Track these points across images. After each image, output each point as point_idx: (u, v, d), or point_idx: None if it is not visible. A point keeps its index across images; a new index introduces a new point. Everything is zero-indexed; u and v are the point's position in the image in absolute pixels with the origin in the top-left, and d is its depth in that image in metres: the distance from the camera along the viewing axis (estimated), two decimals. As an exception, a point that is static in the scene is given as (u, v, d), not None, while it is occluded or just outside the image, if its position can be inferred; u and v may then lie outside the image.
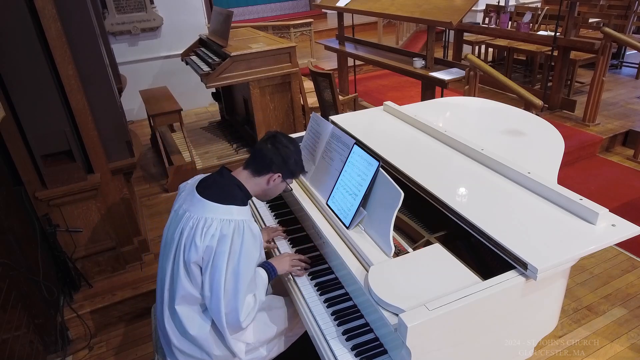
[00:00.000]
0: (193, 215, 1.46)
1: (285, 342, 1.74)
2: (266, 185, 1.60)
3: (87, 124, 2.36)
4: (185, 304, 1.50)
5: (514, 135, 2.11)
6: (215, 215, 1.45)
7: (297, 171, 1.66)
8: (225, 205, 1.47)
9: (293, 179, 1.69)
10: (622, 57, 6.18)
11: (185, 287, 1.47)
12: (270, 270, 1.63)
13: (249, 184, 1.57)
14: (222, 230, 1.43)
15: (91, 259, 2.63)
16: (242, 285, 1.44)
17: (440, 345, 1.22)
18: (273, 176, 1.58)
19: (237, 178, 1.57)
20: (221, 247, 1.42)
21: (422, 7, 3.81)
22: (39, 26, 2.10)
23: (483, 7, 6.41)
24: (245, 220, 1.47)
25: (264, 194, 1.64)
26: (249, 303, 1.48)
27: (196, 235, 1.43)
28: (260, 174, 1.58)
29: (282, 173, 1.59)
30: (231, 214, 1.46)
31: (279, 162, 1.57)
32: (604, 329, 2.37)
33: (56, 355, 2.34)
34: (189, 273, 1.46)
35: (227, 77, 3.62)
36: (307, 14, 9.18)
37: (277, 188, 1.65)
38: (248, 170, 1.59)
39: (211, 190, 1.51)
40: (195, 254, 1.43)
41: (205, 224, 1.43)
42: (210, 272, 1.43)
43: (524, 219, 1.43)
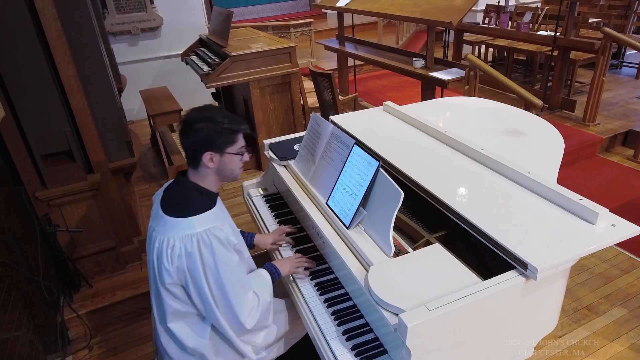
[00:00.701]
0: (158, 235, 1.41)
1: (285, 345, 1.74)
2: (210, 169, 1.46)
3: (87, 124, 2.36)
4: (178, 319, 1.48)
5: (514, 135, 2.11)
6: (176, 233, 1.38)
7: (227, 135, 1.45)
8: (186, 218, 1.39)
9: (231, 144, 1.47)
10: (622, 57, 6.18)
11: (172, 306, 1.45)
12: (272, 272, 1.62)
13: (199, 179, 1.48)
14: (186, 247, 1.37)
15: (91, 259, 2.63)
16: (231, 292, 1.40)
17: (440, 345, 1.22)
18: (205, 158, 1.43)
19: (191, 181, 1.48)
20: (192, 264, 1.37)
21: (422, 7, 3.81)
22: (39, 26, 2.10)
23: (483, 7, 6.41)
24: (209, 230, 1.38)
25: (222, 176, 1.51)
26: (247, 303, 1.45)
27: (163, 258, 1.39)
28: (197, 165, 1.46)
29: (210, 149, 1.43)
30: (192, 227, 1.38)
31: (200, 143, 1.42)
32: (604, 329, 2.37)
33: (56, 355, 2.34)
34: (170, 293, 1.43)
35: (227, 77, 3.62)
36: (307, 14, 9.18)
37: (226, 163, 1.48)
38: (190, 168, 1.50)
39: (172, 203, 1.45)
40: (169, 277, 1.40)
41: (168, 245, 1.38)
42: (193, 289, 1.41)
43: (524, 219, 1.43)
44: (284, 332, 1.70)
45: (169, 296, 1.44)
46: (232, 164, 1.50)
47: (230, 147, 1.47)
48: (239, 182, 2.02)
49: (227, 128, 1.45)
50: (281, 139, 2.35)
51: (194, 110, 1.48)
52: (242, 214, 3.43)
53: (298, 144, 2.16)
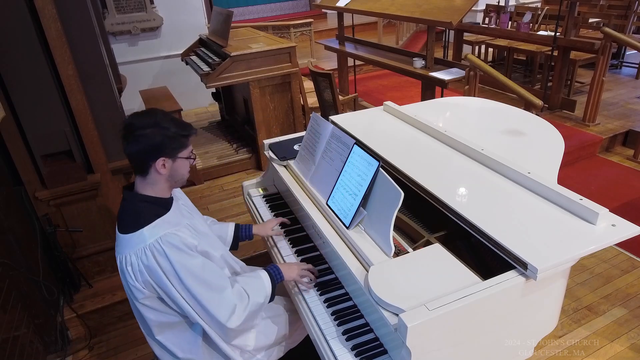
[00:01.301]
0: (118, 255, 1.39)
1: (284, 348, 1.73)
2: (161, 176, 1.41)
3: (87, 124, 2.36)
4: (164, 331, 1.46)
5: (514, 135, 2.11)
6: (131, 249, 1.35)
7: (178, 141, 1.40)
8: (136, 232, 1.36)
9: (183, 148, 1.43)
10: (622, 57, 6.18)
11: (153, 320, 1.43)
12: (274, 273, 1.58)
13: (147, 188, 1.42)
14: (143, 261, 1.34)
15: (91, 259, 2.63)
16: (201, 296, 1.36)
17: (440, 345, 1.22)
18: (157, 164, 1.38)
19: (138, 192, 1.43)
20: (155, 276, 1.35)
21: (422, 7, 3.81)
22: (39, 26, 2.10)
23: (483, 7, 6.41)
24: (160, 238, 1.34)
25: (172, 181, 1.45)
26: (225, 303, 1.39)
27: (127, 277, 1.37)
28: (146, 172, 1.40)
29: (163, 156, 1.37)
30: (144, 240, 1.34)
31: (150, 150, 1.36)
32: (604, 329, 2.37)
33: (56, 355, 2.34)
34: (147, 307, 1.42)
35: (227, 77, 3.62)
36: (307, 14, 9.18)
37: (177, 169, 1.43)
38: (138, 177, 1.43)
39: (123, 221, 1.41)
40: (139, 292, 1.38)
41: (127, 263, 1.36)
42: (167, 299, 1.39)
43: (524, 219, 1.43)
44: (283, 335, 1.70)
45: (147, 310, 1.42)
46: (182, 169, 1.45)
47: (182, 152, 1.42)
48: (238, 182, 2.02)
49: (178, 133, 1.40)
50: (281, 139, 2.35)
51: (136, 115, 1.40)
52: (242, 214, 3.43)
53: (298, 144, 2.16)
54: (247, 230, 1.89)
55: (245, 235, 1.88)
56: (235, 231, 1.88)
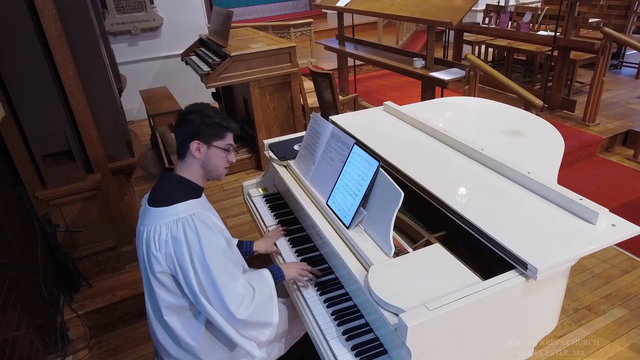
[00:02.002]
0: (146, 227, 1.44)
1: (285, 345, 1.74)
2: (195, 160, 1.50)
3: (87, 124, 2.36)
4: (172, 313, 1.48)
5: (514, 135, 2.11)
6: (162, 220, 1.41)
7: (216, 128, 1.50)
8: (170, 206, 1.43)
9: (219, 138, 1.52)
10: (622, 57, 6.18)
11: (164, 298, 1.46)
12: (276, 272, 1.60)
13: (185, 172, 1.51)
14: (172, 232, 1.39)
15: (91, 259, 2.63)
16: (218, 278, 1.39)
17: (440, 345, 1.22)
18: (192, 147, 1.47)
19: (175, 174, 1.52)
20: (178, 249, 1.39)
21: (422, 7, 3.81)
22: (39, 26, 2.10)
23: (483, 7, 6.41)
24: (193, 214, 1.41)
25: (206, 170, 1.54)
26: (237, 292, 1.42)
27: (151, 247, 1.41)
28: (184, 155, 1.51)
29: (198, 139, 1.48)
30: (177, 214, 1.41)
31: (190, 132, 1.47)
32: (604, 329, 2.37)
33: (56, 355, 2.34)
34: (161, 283, 1.44)
35: (227, 77, 3.62)
36: (307, 14, 9.18)
37: (211, 157, 1.52)
38: (178, 160, 1.54)
39: (157, 197, 1.48)
40: (158, 264, 1.41)
41: (155, 232, 1.40)
42: (182, 277, 1.41)
43: (524, 219, 1.43)
44: (284, 331, 1.70)
45: (160, 287, 1.45)
46: (217, 159, 1.53)
47: (217, 141, 1.51)
48: (238, 182, 2.02)
49: (217, 122, 1.50)
50: (281, 139, 2.35)
51: (191, 104, 1.56)
52: (242, 214, 3.43)
53: (298, 144, 2.16)
54: (248, 247, 1.90)
55: (246, 252, 1.89)
56: (238, 246, 1.88)
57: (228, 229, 2.37)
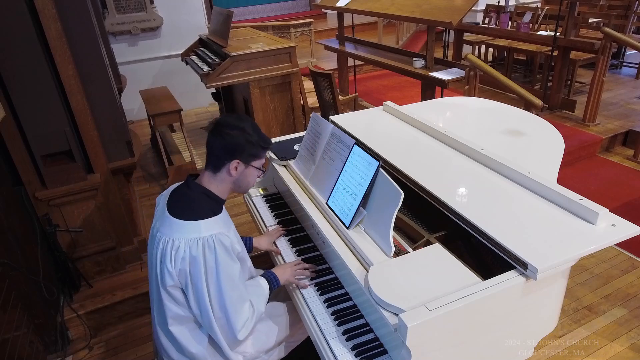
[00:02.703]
0: (163, 236, 1.40)
1: (285, 349, 1.74)
2: (230, 177, 1.48)
3: (87, 124, 2.36)
4: (178, 324, 1.48)
5: (514, 135, 2.11)
6: (182, 235, 1.38)
7: (257, 149, 1.49)
8: (193, 221, 1.39)
9: (258, 158, 1.52)
10: (622, 57, 6.18)
11: (172, 309, 1.45)
12: (272, 280, 1.61)
13: (213, 185, 1.48)
14: (191, 251, 1.36)
15: (91, 259, 2.64)
16: (229, 301, 1.39)
17: (440, 345, 1.22)
18: (231, 165, 1.45)
19: (202, 185, 1.48)
20: (194, 268, 1.37)
21: (422, 7, 3.81)
22: (39, 26, 2.10)
23: (483, 7, 6.41)
24: (215, 235, 1.38)
25: (237, 186, 1.53)
26: (243, 314, 1.44)
27: (166, 260, 1.38)
28: (219, 169, 1.47)
29: (239, 158, 1.46)
30: (199, 231, 1.38)
31: (230, 149, 1.44)
32: (604, 329, 2.37)
33: (56, 355, 2.34)
34: (171, 296, 1.43)
35: (227, 77, 3.62)
36: (307, 14, 9.17)
37: (246, 176, 1.51)
38: (208, 171, 1.49)
39: (179, 206, 1.44)
40: (170, 279, 1.39)
41: (173, 247, 1.37)
42: (193, 294, 1.40)
43: (524, 219, 1.43)
44: (284, 335, 1.70)
45: (169, 299, 1.43)
46: (250, 178, 1.53)
47: (255, 161, 1.51)
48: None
49: (259, 142, 1.49)
50: (281, 139, 2.35)
51: (229, 116, 1.51)
52: (242, 214, 3.43)
53: (298, 144, 2.16)
54: (248, 243, 1.90)
55: (246, 248, 1.88)
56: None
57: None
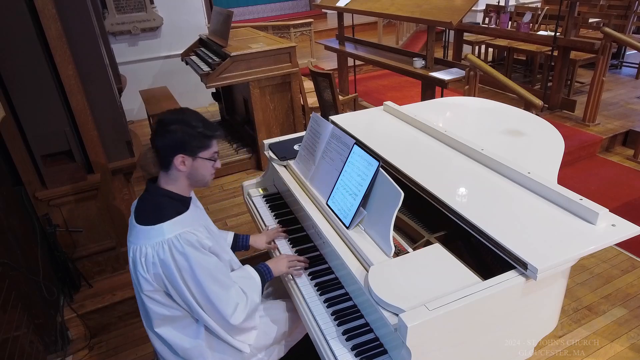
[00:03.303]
0: (132, 245, 1.41)
1: (285, 347, 1.74)
2: (181, 173, 1.44)
3: (87, 124, 2.36)
4: (164, 324, 1.48)
5: (514, 135, 2.11)
6: (148, 241, 1.37)
7: (200, 140, 1.43)
8: (156, 225, 1.38)
9: (204, 149, 1.45)
10: (622, 57, 6.18)
11: (155, 311, 1.45)
12: (264, 272, 1.62)
13: (171, 185, 1.46)
14: (159, 255, 1.36)
15: (91, 259, 2.63)
16: (213, 294, 1.40)
17: (440, 345, 1.22)
18: (176, 161, 1.41)
19: (161, 187, 1.46)
20: (167, 271, 1.37)
21: (422, 7, 3.81)
22: (39, 26, 2.10)
23: (483, 7, 6.41)
24: (179, 235, 1.37)
25: (193, 180, 1.48)
26: (231, 300, 1.44)
27: (138, 267, 1.38)
28: (168, 168, 1.44)
29: (183, 152, 1.41)
30: (163, 234, 1.36)
31: (172, 145, 1.40)
32: (604, 329, 2.37)
33: (56, 355, 2.34)
34: (152, 299, 1.43)
35: (227, 77, 3.62)
36: (307, 14, 9.17)
37: (198, 168, 1.46)
38: (162, 172, 1.47)
39: (143, 212, 1.44)
40: (148, 284, 1.40)
41: (141, 254, 1.37)
42: (175, 294, 1.41)
43: (524, 219, 1.43)
44: (283, 333, 1.70)
45: (151, 302, 1.44)
46: (203, 170, 1.48)
47: (203, 152, 1.45)
48: (238, 182, 2.02)
49: (202, 132, 1.43)
50: (281, 139, 2.35)
51: (169, 112, 1.46)
52: (242, 214, 3.43)
53: (298, 144, 2.16)
54: (244, 241, 1.91)
55: (241, 246, 1.90)
56: (234, 240, 1.89)
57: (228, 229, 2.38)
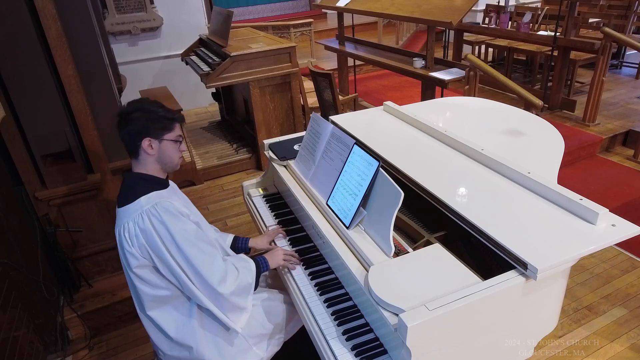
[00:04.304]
0: (117, 227, 1.48)
1: (280, 341, 1.75)
2: (150, 156, 1.51)
3: (87, 124, 2.36)
4: (157, 307, 1.51)
5: (514, 135, 2.11)
6: (129, 217, 1.44)
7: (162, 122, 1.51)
8: (133, 202, 1.46)
9: (168, 131, 1.52)
10: (622, 57, 6.18)
11: (147, 293, 1.49)
12: (260, 262, 1.65)
13: (141, 168, 1.53)
14: (139, 225, 1.42)
15: (91, 259, 2.63)
16: (196, 260, 1.43)
17: (440, 345, 1.22)
18: (144, 144, 1.48)
19: (134, 171, 1.54)
20: (150, 241, 1.42)
21: (422, 7, 3.81)
22: (39, 26, 2.10)
23: (483, 7, 6.41)
24: (156, 204, 1.43)
25: (162, 163, 1.55)
26: (216, 268, 1.46)
27: (124, 244, 1.44)
28: (137, 154, 1.51)
29: (148, 136, 1.48)
30: (140, 206, 1.44)
31: (136, 131, 1.47)
32: (604, 329, 2.37)
33: (56, 355, 2.34)
34: (141, 278, 1.47)
35: (227, 77, 3.62)
36: (307, 14, 9.17)
37: (165, 151, 1.53)
38: (132, 160, 1.55)
39: (122, 196, 1.51)
40: (135, 259, 1.44)
41: (124, 230, 1.44)
42: (161, 265, 1.44)
43: (524, 219, 1.43)
44: (278, 325, 1.72)
45: (140, 282, 1.47)
46: (170, 152, 1.54)
47: (167, 134, 1.52)
48: (238, 182, 2.02)
49: (163, 115, 1.51)
50: (281, 139, 2.35)
51: (128, 103, 1.54)
52: (242, 214, 3.43)
53: (298, 144, 2.16)
54: (244, 243, 1.92)
55: (241, 248, 1.91)
56: (234, 242, 1.90)
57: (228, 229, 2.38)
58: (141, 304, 1.52)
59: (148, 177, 1.52)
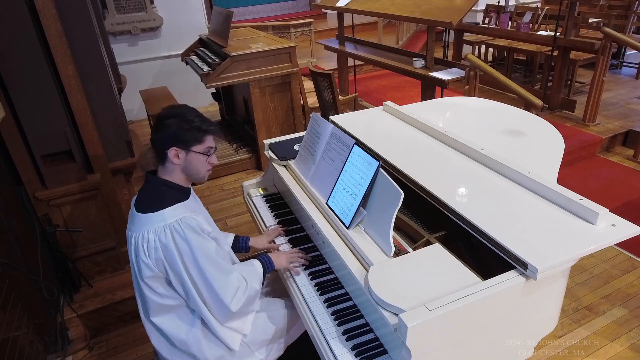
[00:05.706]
0: (133, 233, 1.44)
1: (282, 346, 1.75)
2: (175, 165, 1.48)
3: (87, 124, 2.36)
4: (162, 314, 1.51)
5: (514, 135, 2.11)
6: (150, 227, 1.41)
7: (194, 133, 1.47)
8: (157, 211, 1.43)
9: (198, 143, 1.49)
10: (622, 57, 6.18)
11: (154, 301, 1.48)
12: (266, 263, 1.65)
13: (168, 176, 1.51)
14: (160, 239, 1.40)
15: (91, 259, 2.63)
16: (213, 278, 1.43)
17: (440, 345, 1.22)
18: (170, 153, 1.45)
19: (160, 177, 1.51)
20: (169, 255, 1.41)
21: (422, 7, 3.81)
22: (39, 26, 2.10)
23: (483, 7, 6.41)
24: (180, 219, 1.41)
25: (187, 174, 1.52)
26: (231, 285, 1.46)
27: (140, 253, 1.42)
28: (164, 160, 1.49)
29: (176, 145, 1.45)
30: (164, 219, 1.41)
31: (166, 138, 1.45)
32: (604, 329, 2.37)
33: (56, 355, 2.34)
34: (150, 288, 1.46)
35: (227, 77, 3.62)
36: (307, 14, 9.17)
37: (191, 162, 1.49)
38: (159, 165, 1.52)
39: (143, 201, 1.48)
40: (148, 270, 1.43)
41: (143, 239, 1.41)
42: (174, 279, 1.44)
43: (524, 219, 1.43)
44: (281, 330, 1.71)
45: (149, 291, 1.47)
46: (197, 164, 1.51)
47: (196, 146, 1.48)
48: (238, 182, 2.02)
49: (196, 126, 1.47)
50: (281, 139, 2.35)
51: (168, 107, 1.52)
52: (242, 214, 3.43)
53: (298, 144, 2.16)
54: (244, 242, 1.92)
55: (242, 247, 1.91)
56: (234, 242, 1.90)
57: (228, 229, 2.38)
58: (146, 310, 1.51)
59: (172, 185, 1.50)
